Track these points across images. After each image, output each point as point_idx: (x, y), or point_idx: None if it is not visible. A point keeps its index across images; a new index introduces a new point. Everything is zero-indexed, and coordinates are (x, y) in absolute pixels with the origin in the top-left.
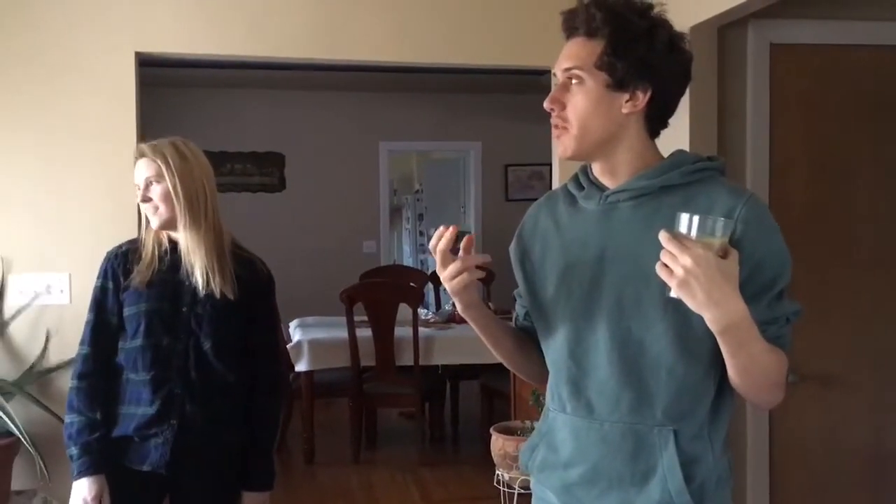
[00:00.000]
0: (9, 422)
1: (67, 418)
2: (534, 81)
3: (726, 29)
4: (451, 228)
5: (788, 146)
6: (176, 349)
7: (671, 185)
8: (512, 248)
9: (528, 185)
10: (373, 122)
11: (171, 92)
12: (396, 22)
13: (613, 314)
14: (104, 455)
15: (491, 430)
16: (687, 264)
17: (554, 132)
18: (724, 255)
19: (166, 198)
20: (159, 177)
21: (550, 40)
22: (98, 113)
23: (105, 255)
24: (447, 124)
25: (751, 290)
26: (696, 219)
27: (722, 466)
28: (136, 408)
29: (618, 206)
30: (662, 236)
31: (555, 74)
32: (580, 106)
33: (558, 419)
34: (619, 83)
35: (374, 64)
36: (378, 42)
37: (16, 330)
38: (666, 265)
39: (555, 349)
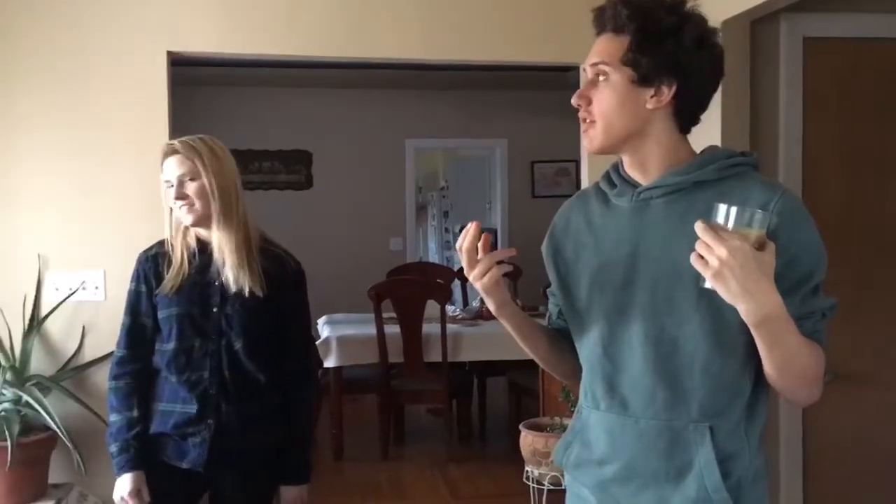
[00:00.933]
0: (46, 416)
1: (109, 419)
2: (560, 78)
3: (758, 23)
4: (473, 225)
5: (822, 141)
6: (208, 350)
7: (704, 181)
8: (544, 246)
9: (555, 181)
10: (399, 119)
11: (198, 90)
12: (422, 19)
13: (647, 311)
14: (141, 452)
15: (520, 427)
16: (722, 255)
17: (581, 126)
18: (760, 247)
19: (202, 195)
20: (195, 174)
21: (576, 36)
22: (131, 112)
23: (137, 258)
24: (473, 121)
25: (786, 283)
26: (734, 210)
27: (759, 463)
28: (174, 405)
29: (650, 202)
30: (698, 226)
31: (584, 70)
32: (605, 101)
33: (592, 416)
34: (643, 79)
35: (400, 61)
36: (404, 40)
37: (52, 326)
38: (701, 256)
39: (588, 347)
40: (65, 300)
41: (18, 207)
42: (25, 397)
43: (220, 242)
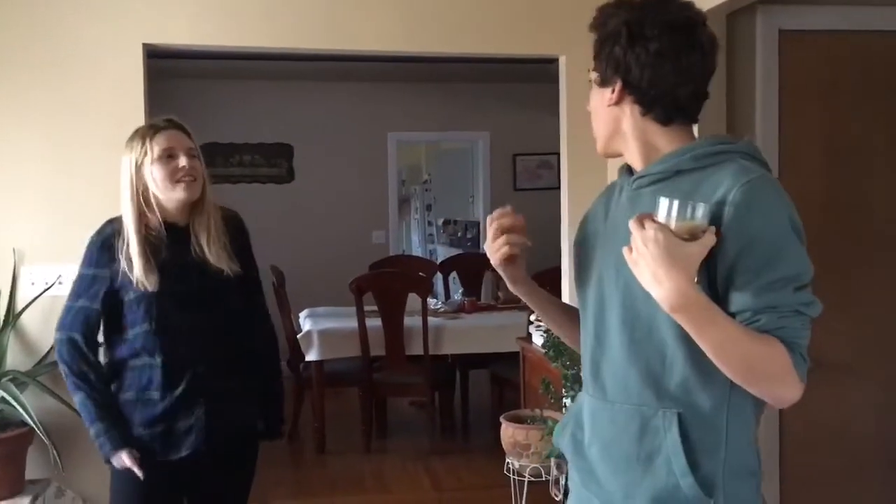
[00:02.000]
0: (22, 412)
1: (83, 396)
2: (542, 71)
3: (734, 15)
4: (508, 208)
5: (798, 134)
6: (193, 328)
7: (686, 169)
8: (574, 238)
9: (537, 174)
10: (381, 112)
11: (178, 83)
12: (404, 12)
13: (627, 298)
14: (123, 428)
15: (501, 419)
16: (637, 244)
17: None
18: (691, 237)
19: (202, 175)
20: (196, 153)
21: (558, 29)
22: (107, 105)
23: (90, 241)
24: (455, 114)
25: (737, 275)
26: (676, 203)
27: (743, 459)
28: (154, 392)
29: (641, 191)
30: (632, 219)
31: None
32: (591, 106)
33: (584, 400)
34: (602, 80)
35: (381, 54)
36: (386, 32)
37: (28, 321)
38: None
39: (584, 331)
40: (41, 295)
41: None
42: (1, 393)
43: (206, 227)
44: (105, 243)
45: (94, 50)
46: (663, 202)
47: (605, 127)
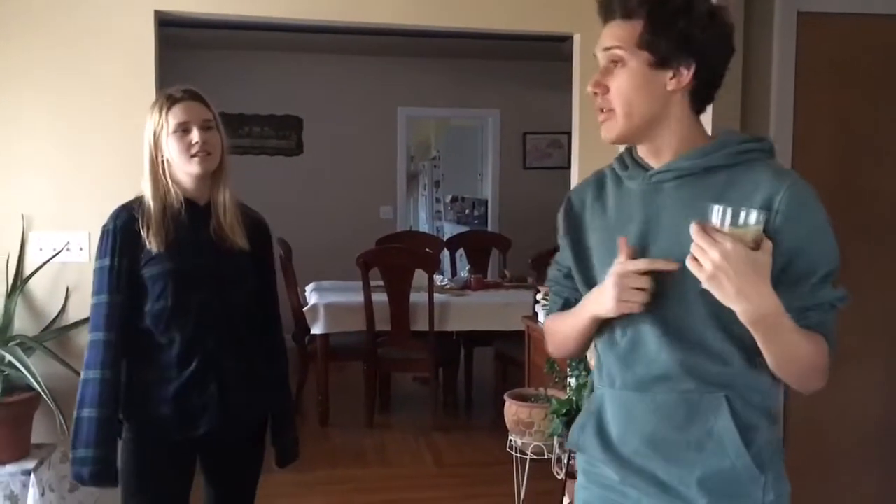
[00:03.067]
0: (29, 377)
1: (92, 413)
2: (554, 49)
3: None
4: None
5: (813, 117)
6: (207, 306)
7: (715, 167)
8: (560, 226)
9: (547, 153)
10: (391, 87)
11: (189, 53)
12: None
13: (656, 291)
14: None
15: (504, 397)
16: (716, 259)
17: (599, 116)
18: (756, 246)
19: (218, 146)
20: (213, 124)
21: (573, 6)
22: (117, 73)
23: (105, 228)
24: (466, 91)
25: (792, 276)
26: (729, 210)
27: (776, 434)
28: (170, 370)
29: (661, 185)
30: (693, 228)
31: (596, 56)
32: (624, 87)
33: (607, 395)
34: (661, 61)
35: (393, 28)
36: (399, 6)
37: (36, 286)
38: (696, 258)
39: (604, 326)
40: (49, 261)
41: (2, 166)
42: (8, 357)
43: (222, 198)
44: (125, 226)
45: (105, 16)
46: (716, 209)
47: (648, 112)
